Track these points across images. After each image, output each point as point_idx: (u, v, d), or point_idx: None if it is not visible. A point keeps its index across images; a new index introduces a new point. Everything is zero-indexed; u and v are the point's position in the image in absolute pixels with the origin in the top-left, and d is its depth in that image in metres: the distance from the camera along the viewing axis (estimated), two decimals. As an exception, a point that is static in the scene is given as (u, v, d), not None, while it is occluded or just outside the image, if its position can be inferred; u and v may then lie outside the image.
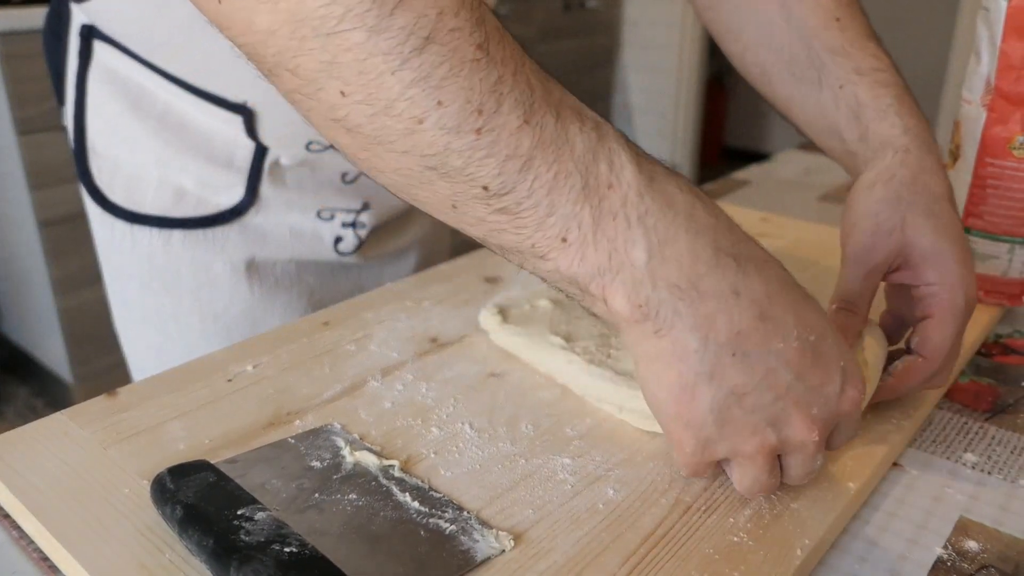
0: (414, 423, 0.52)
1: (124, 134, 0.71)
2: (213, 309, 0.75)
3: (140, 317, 0.77)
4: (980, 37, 0.65)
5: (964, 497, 0.48)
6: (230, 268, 0.74)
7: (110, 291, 0.79)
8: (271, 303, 0.76)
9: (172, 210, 0.72)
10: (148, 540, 0.42)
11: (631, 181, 0.35)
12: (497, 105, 0.33)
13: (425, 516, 0.43)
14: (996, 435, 0.54)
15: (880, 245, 0.51)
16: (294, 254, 0.76)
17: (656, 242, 0.36)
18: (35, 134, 1.79)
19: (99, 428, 0.50)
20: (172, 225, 0.72)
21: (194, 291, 0.74)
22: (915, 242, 0.50)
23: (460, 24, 0.33)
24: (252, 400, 0.54)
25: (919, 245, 0.50)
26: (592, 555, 0.41)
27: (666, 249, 0.36)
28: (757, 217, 0.89)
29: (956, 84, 2.68)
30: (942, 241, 0.49)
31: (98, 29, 0.70)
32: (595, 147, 0.35)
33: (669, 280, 0.36)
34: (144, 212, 0.72)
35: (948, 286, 0.49)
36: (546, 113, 0.34)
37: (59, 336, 1.94)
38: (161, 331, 0.76)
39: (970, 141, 0.67)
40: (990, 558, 0.44)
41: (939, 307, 0.49)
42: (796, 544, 0.42)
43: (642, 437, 0.51)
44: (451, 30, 0.33)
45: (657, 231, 0.36)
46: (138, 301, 0.76)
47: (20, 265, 2.02)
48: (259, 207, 0.73)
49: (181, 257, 0.73)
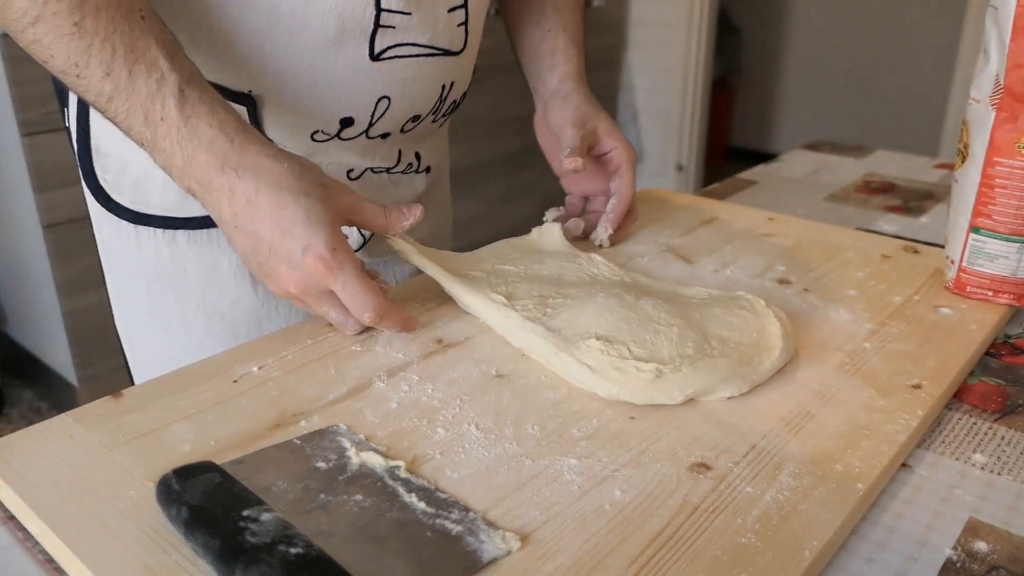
0: (420, 424, 0.52)
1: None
2: (219, 308, 0.74)
3: (144, 318, 0.77)
4: (989, 36, 0.65)
5: (973, 498, 0.48)
6: (236, 267, 0.73)
7: (113, 292, 0.78)
8: (276, 303, 0.75)
9: (178, 210, 0.72)
10: (154, 542, 0.41)
11: (174, 118, 0.55)
12: (87, 63, 0.54)
13: (431, 517, 0.43)
14: (1005, 436, 0.54)
15: (587, 126, 0.81)
16: None
17: (187, 156, 0.56)
18: (39, 135, 1.78)
19: (104, 430, 0.50)
20: (178, 225, 0.72)
21: (200, 290, 0.74)
22: (599, 125, 0.82)
23: (60, 8, 0.53)
24: (257, 401, 0.54)
25: (602, 127, 0.82)
26: (599, 556, 0.41)
27: (192, 161, 0.56)
28: (764, 217, 0.89)
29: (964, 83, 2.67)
30: (611, 123, 0.83)
31: None
32: (154, 94, 0.55)
33: (195, 179, 0.57)
34: (150, 212, 0.72)
35: (624, 147, 0.81)
36: (122, 70, 0.54)
37: (64, 338, 1.94)
38: (166, 332, 0.76)
39: (978, 141, 0.66)
40: (1000, 559, 0.43)
41: (623, 160, 0.81)
42: (804, 545, 0.42)
43: (648, 437, 0.51)
44: (53, 13, 0.53)
45: (186, 150, 0.56)
46: (142, 302, 0.76)
47: (25, 267, 2.02)
48: None
49: (187, 257, 0.73)
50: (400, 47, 0.69)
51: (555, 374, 0.58)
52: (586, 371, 0.56)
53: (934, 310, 0.68)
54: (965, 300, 0.70)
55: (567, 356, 0.57)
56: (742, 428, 0.52)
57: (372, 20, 0.66)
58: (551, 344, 0.59)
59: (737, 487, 0.46)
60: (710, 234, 0.85)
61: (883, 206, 1.00)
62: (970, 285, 0.70)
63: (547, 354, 0.59)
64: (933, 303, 0.69)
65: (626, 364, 0.55)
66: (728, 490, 0.46)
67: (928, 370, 0.59)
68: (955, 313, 0.68)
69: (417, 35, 0.69)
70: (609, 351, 0.57)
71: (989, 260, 0.68)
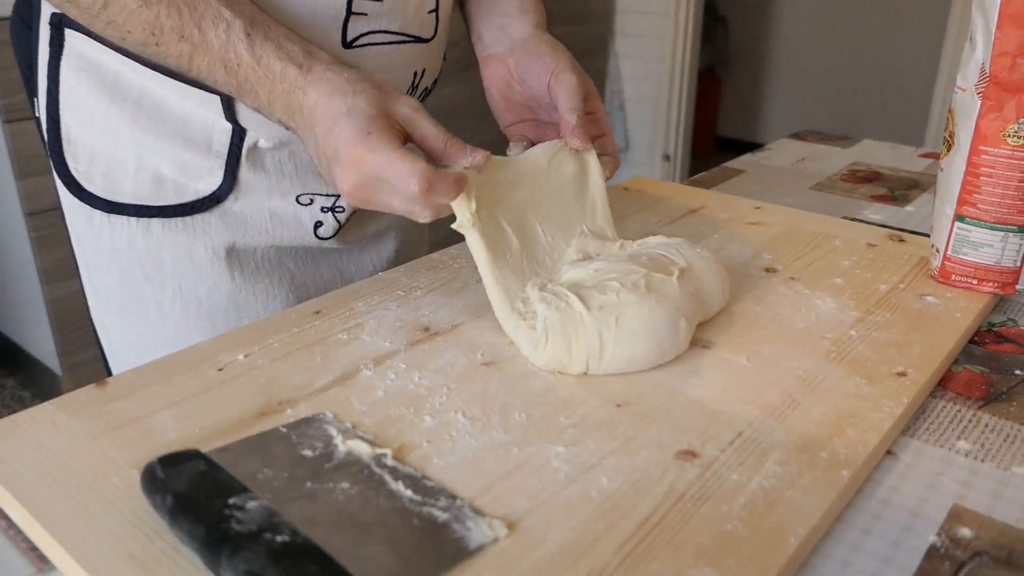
0: (407, 412, 0.52)
1: (100, 121, 0.71)
2: (196, 295, 0.74)
3: (120, 308, 0.76)
4: (975, 24, 0.65)
5: (957, 485, 0.48)
6: (211, 254, 0.73)
7: (87, 283, 0.77)
8: (253, 289, 0.75)
9: (151, 198, 0.71)
10: (138, 529, 0.41)
11: (248, 62, 0.58)
12: (161, 30, 0.58)
13: (418, 505, 0.43)
14: (989, 423, 0.54)
15: (586, 85, 0.73)
16: (275, 240, 0.76)
17: (268, 92, 0.59)
18: (21, 122, 1.76)
19: (88, 418, 0.50)
20: (151, 214, 0.72)
21: (176, 278, 0.73)
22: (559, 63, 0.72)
23: None
24: (243, 389, 0.54)
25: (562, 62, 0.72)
26: (586, 543, 0.41)
27: (272, 96, 0.59)
28: (751, 206, 0.89)
29: (950, 72, 2.68)
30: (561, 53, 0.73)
31: (69, 17, 0.69)
32: (224, 44, 0.58)
33: (279, 112, 0.60)
34: (123, 201, 0.72)
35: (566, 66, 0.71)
36: (193, 28, 0.58)
37: (47, 326, 1.93)
38: (142, 321, 0.75)
39: (964, 129, 0.67)
40: (983, 545, 0.44)
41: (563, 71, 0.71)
42: (790, 532, 0.42)
43: (635, 425, 0.51)
44: None
45: (264, 87, 0.59)
46: (118, 291, 0.75)
47: (7, 255, 2.00)
48: (239, 193, 0.73)
49: (162, 245, 0.72)
50: (372, 34, 0.69)
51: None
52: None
53: (919, 298, 0.68)
54: (950, 288, 0.70)
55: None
56: (728, 416, 0.52)
57: (344, 7, 0.66)
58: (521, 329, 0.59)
59: (723, 474, 0.46)
60: (697, 223, 0.85)
61: (869, 195, 1.00)
62: (955, 273, 0.70)
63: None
64: (918, 291, 0.70)
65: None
66: (714, 477, 0.46)
67: (913, 358, 0.59)
68: (940, 301, 0.68)
69: (389, 22, 0.69)
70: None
71: (974, 249, 0.68)
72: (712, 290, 0.64)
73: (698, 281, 0.63)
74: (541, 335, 0.57)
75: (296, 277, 0.79)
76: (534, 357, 0.57)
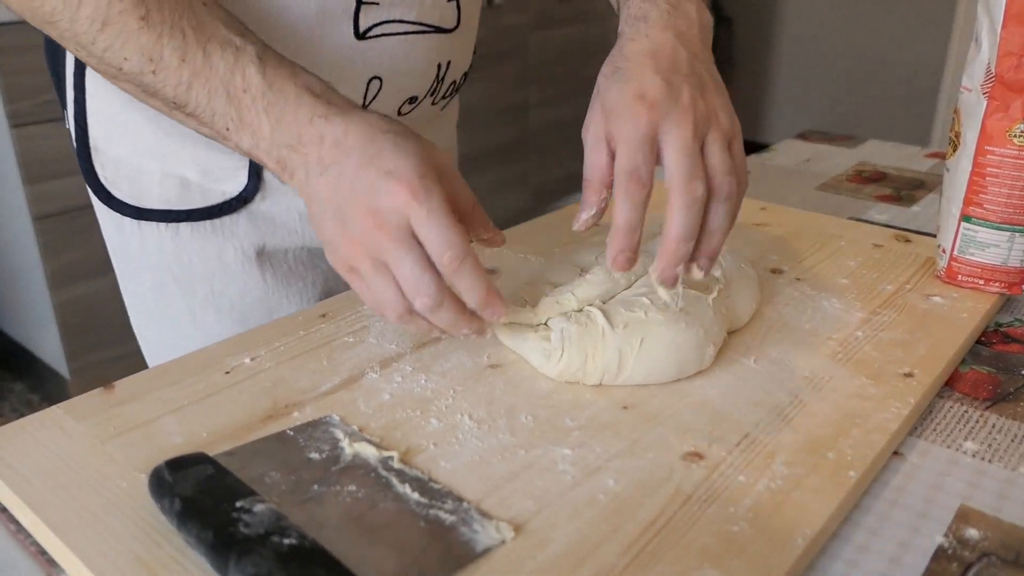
0: (413, 414, 0.52)
1: (125, 129, 0.71)
2: (228, 298, 0.74)
3: (154, 312, 0.77)
4: (980, 24, 0.65)
5: (965, 485, 0.48)
6: (241, 256, 0.73)
7: (123, 288, 0.78)
8: (286, 292, 0.75)
9: (178, 202, 0.72)
10: (145, 533, 0.41)
11: (257, 84, 0.53)
12: (160, 54, 0.53)
13: (425, 507, 0.43)
14: (996, 423, 0.54)
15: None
16: (305, 241, 0.76)
17: (275, 119, 0.53)
18: (28, 127, 1.77)
19: (95, 422, 0.50)
20: (179, 218, 0.72)
21: (207, 281, 0.74)
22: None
23: (125, 6, 0.52)
24: (250, 393, 0.54)
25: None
26: (592, 545, 0.41)
27: (280, 124, 0.53)
28: (756, 206, 0.89)
29: (956, 72, 2.68)
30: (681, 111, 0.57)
31: None
32: (232, 67, 0.53)
33: (284, 143, 0.53)
34: (150, 206, 0.72)
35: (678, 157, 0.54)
36: (197, 51, 0.53)
37: (55, 330, 1.93)
38: (176, 325, 0.76)
39: (970, 129, 0.66)
40: (991, 546, 0.44)
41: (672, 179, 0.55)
42: (797, 534, 0.42)
43: (641, 426, 0.51)
44: (119, 12, 0.52)
45: (272, 114, 0.53)
46: (151, 296, 0.76)
47: (15, 259, 2.01)
48: (265, 193, 0.73)
49: (191, 248, 0.73)
50: (386, 24, 0.68)
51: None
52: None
53: (925, 299, 0.68)
54: (956, 289, 0.70)
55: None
56: (735, 417, 0.52)
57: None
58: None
59: (730, 476, 0.46)
60: (702, 224, 0.85)
61: (875, 195, 1.00)
62: (961, 274, 0.70)
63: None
64: (924, 292, 0.70)
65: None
66: (721, 479, 0.46)
67: (919, 358, 0.59)
68: (946, 302, 0.68)
69: (403, 11, 0.68)
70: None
71: (980, 249, 0.68)
72: (744, 306, 0.63)
73: (732, 299, 0.62)
74: (556, 346, 0.55)
75: (330, 279, 0.79)
76: (545, 367, 0.56)
